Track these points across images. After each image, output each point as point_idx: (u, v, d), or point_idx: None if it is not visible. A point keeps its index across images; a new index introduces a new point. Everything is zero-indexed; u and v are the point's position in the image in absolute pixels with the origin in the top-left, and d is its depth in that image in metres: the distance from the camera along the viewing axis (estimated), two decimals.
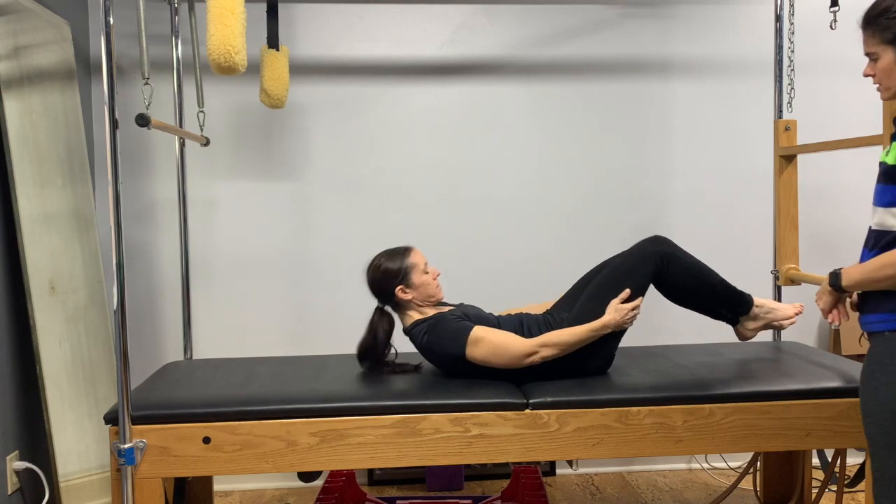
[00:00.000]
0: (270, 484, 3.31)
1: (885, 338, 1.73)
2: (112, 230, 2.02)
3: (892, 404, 1.69)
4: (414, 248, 2.48)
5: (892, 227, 1.73)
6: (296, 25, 3.25)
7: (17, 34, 2.59)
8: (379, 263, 2.45)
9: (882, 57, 1.76)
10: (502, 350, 2.28)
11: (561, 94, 3.34)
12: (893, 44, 1.73)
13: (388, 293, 2.43)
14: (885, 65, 1.76)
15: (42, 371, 2.51)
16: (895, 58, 1.74)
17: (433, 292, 2.44)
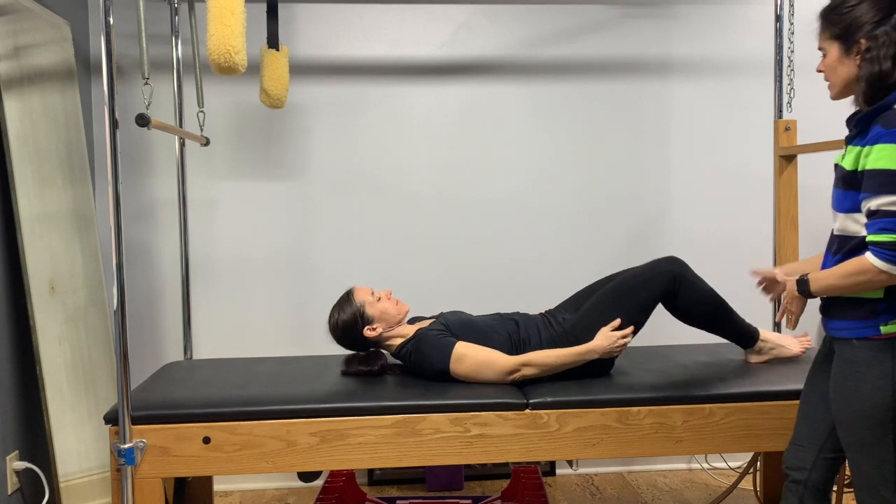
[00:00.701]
0: (270, 484, 3.31)
1: (853, 345, 1.74)
2: (112, 230, 2.02)
3: (865, 411, 1.71)
4: (354, 287, 2.47)
5: (855, 233, 1.74)
6: (296, 25, 3.25)
7: (17, 34, 2.59)
8: (335, 321, 2.43)
9: (829, 52, 1.77)
10: (485, 368, 2.28)
11: (561, 94, 3.34)
12: (839, 39, 1.74)
13: (360, 340, 2.42)
14: (830, 61, 1.77)
15: (42, 371, 2.51)
16: (839, 54, 1.75)
17: (396, 312, 2.42)
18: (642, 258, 3.38)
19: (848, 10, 1.72)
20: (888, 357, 1.69)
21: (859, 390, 1.72)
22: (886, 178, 1.62)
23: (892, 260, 1.63)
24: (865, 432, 1.73)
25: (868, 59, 1.69)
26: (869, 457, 1.74)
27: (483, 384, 2.29)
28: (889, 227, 1.62)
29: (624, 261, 3.36)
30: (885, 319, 1.70)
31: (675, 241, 3.39)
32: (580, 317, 2.41)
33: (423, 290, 3.31)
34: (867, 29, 1.69)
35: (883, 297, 1.71)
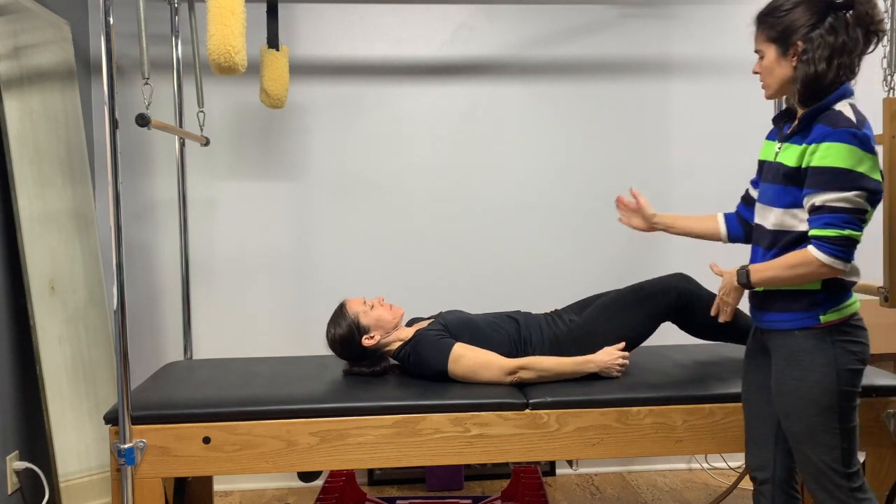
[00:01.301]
0: (270, 484, 3.31)
1: (795, 336, 1.81)
2: (112, 230, 2.02)
3: (814, 398, 1.79)
4: (346, 299, 2.47)
5: (792, 228, 1.81)
6: (296, 25, 3.25)
7: (17, 34, 2.59)
8: (332, 336, 2.43)
9: (766, 54, 1.82)
10: (483, 369, 2.28)
11: (561, 94, 3.34)
12: (776, 42, 1.80)
13: (360, 350, 2.42)
14: (767, 63, 1.82)
15: (42, 371, 2.51)
16: (776, 56, 1.80)
17: (391, 317, 2.42)
18: (642, 258, 3.38)
19: (784, 14, 1.77)
20: (828, 344, 1.78)
21: (806, 379, 1.79)
22: (833, 174, 1.70)
23: (834, 254, 1.71)
24: (815, 420, 1.79)
25: (804, 61, 1.75)
26: (817, 445, 1.80)
27: (483, 385, 2.29)
28: (834, 222, 1.70)
29: (624, 261, 3.36)
30: (823, 309, 1.79)
31: (675, 242, 3.39)
32: (583, 320, 2.42)
33: (424, 291, 3.31)
34: (803, 32, 1.75)
35: (821, 288, 1.79)
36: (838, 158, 1.69)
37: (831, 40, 1.73)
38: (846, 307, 1.81)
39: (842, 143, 1.69)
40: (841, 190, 1.69)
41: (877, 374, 2.35)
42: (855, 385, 1.80)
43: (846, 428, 1.80)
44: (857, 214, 1.71)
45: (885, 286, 2.17)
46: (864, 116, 1.75)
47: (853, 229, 1.71)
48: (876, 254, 3.47)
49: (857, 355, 1.80)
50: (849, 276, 1.81)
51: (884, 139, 2.17)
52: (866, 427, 2.25)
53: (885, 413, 2.25)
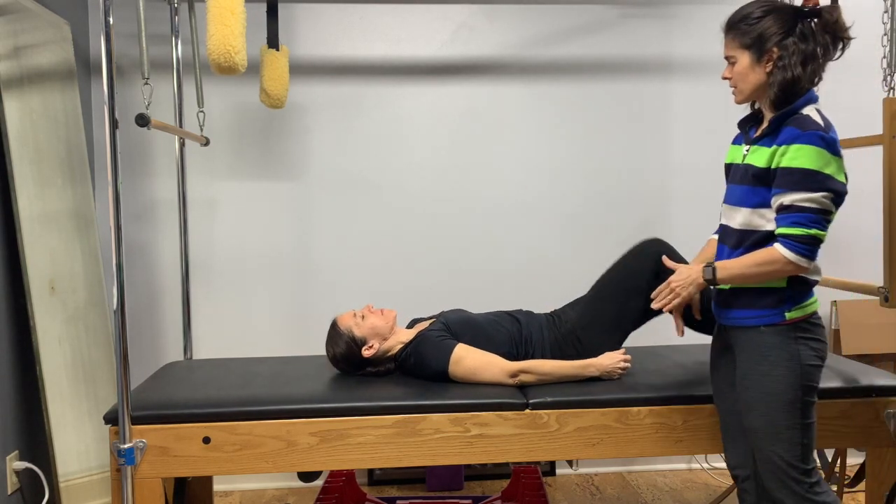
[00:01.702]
0: (270, 484, 3.31)
1: (761, 332, 1.86)
2: (112, 230, 2.02)
3: (778, 393, 1.84)
4: (336, 317, 2.47)
5: (759, 227, 1.86)
6: (296, 25, 3.25)
7: (17, 34, 2.59)
8: (333, 356, 2.44)
9: (739, 60, 1.88)
10: (484, 371, 2.28)
11: (561, 94, 3.34)
12: (749, 49, 1.85)
13: (361, 361, 2.42)
14: (741, 69, 1.88)
15: (42, 371, 2.51)
16: (749, 62, 1.86)
17: (384, 323, 2.42)
18: None
19: (756, 21, 1.84)
20: (793, 339, 1.83)
21: (771, 374, 1.84)
22: (801, 176, 1.75)
23: (801, 252, 1.77)
24: (777, 415, 1.84)
25: (780, 67, 1.82)
26: (778, 441, 1.85)
27: (483, 385, 2.29)
28: (801, 221, 1.76)
29: None
30: (789, 306, 1.84)
31: (675, 241, 3.38)
32: (579, 315, 2.42)
33: (424, 290, 3.31)
34: (777, 39, 1.82)
35: (787, 286, 1.84)
36: (807, 160, 1.75)
37: (804, 47, 1.81)
38: (809, 305, 1.87)
39: (811, 145, 1.75)
40: (809, 190, 1.75)
41: (877, 374, 2.35)
42: (816, 381, 1.86)
43: (806, 424, 1.85)
44: (823, 214, 1.77)
45: (885, 286, 2.17)
46: (830, 121, 1.81)
47: (819, 229, 1.77)
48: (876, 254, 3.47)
49: (818, 352, 1.86)
50: (812, 274, 1.87)
51: (884, 139, 2.17)
52: (866, 427, 2.26)
53: (885, 413, 2.25)
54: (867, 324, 3.34)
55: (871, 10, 2.61)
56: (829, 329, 3.43)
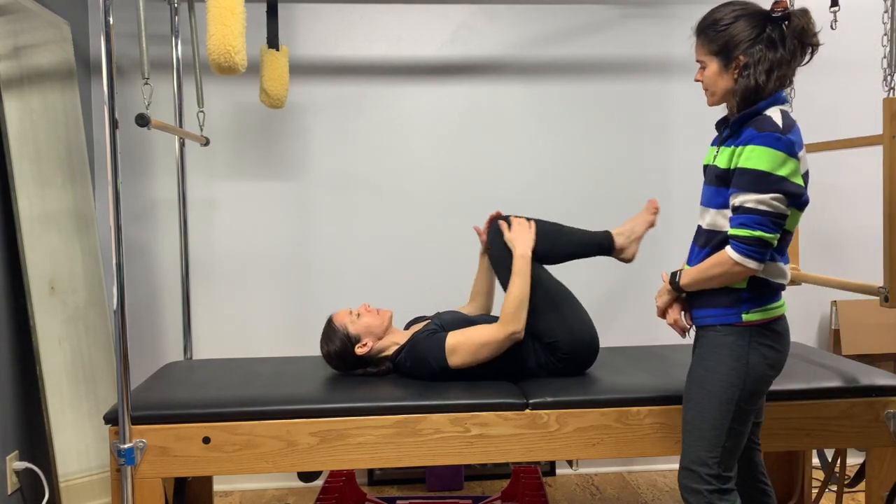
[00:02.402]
0: (270, 484, 3.31)
1: (717, 330, 1.87)
2: (112, 230, 2.02)
3: (715, 390, 1.85)
4: (332, 314, 2.48)
5: (722, 228, 1.87)
6: (296, 25, 3.25)
7: (17, 34, 2.59)
8: (326, 353, 2.44)
9: (709, 66, 1.88)
10: (482, 349, 2.28)
11: (561, 94, 3.34)
12: (718, 55, 1.85)
13: (354, 359, 2.42)
14: (710, 74, 1.89)
15: (42, 371, 2.51)
16: (718, 68, 1.86)
17: (379, 322, 2.42)
18: (642, 257, 3.38)
19: (725, 28, 1.83)
20: (746, 342, 1.84)
21: (715, 371, 1.85)
22: (753, 177, 1.75)
23: (746, 253, 1.76)
24: (709, 412, 1.85)
25: (745, 76, 1.82)
26: (702, 439, 1.86)
27: (483, 384, 2.29)
28: (747, 223, 1.76)
29: None
30: (746, 308, 1.84)
31: (675, 241, 3.39)
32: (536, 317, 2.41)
33: (423, 290, 3.31)
34: (744, 47, 1.82)
35: (746, 287, 1.84)
36: (760, 161, 1.75)
37: (771, 55, 1.81)
38: (770, 309, 1.86)
39: (765, 146, 1.75)
40: (758, 192, 1.75)
41: (877, 374, 2.35)
42: (760, 389, 1.86)
43: (735, 429, 1.85)
44: (771, 217, 1.75)
45: (885, 286, 2.17)
46: (792, 121, 1.80)
47: (764, 231, 1.75)
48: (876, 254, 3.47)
49: (770, 360, 1.85)
50: (774, 277, 1.85)
51: (884, 139, 2.17)
52: (866, 427, 2.26)
53: (886, 413, 2.25)
54: (867, 324, 3.34)
55: (871, 10, 2.61)
56: (830, 329, 3.43)
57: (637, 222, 2.57)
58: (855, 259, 3.45)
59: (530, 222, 2.44)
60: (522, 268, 2.34)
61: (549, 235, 2.45)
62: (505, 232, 2.42)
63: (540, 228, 2.45)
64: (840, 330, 3.33)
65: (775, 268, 1.85)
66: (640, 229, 2.55)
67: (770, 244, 1.77)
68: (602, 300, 3.40)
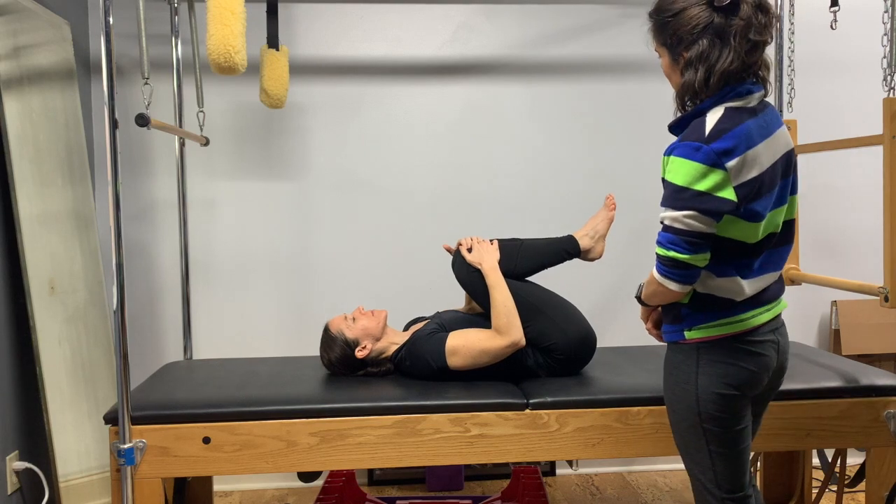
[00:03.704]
0: (270, 484, 3.31)
1: (669, 348, 1.76)
2: (112, 230, 2.02)
3: (680, 413, 1.73)
4: (328, 321, 2.49)
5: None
6: (296, 25, 3.25)
7: (17, 34, 2.59)
8: (328, 360, 2.45)
9: (662, 57, 1.74)
10: (481, 353, 2.28)
11: (561, 94, 3.34)
12: (667, 47, 1.70)
13: (355, 363, 2.42)
14: (664, 66, 1.74)
15: (42, 371, 2.51)
16: (669, 62, 1.72)
17: (375, 323, 2.43)
18: (642, 258, 3.38)
19: (671, 18, 1.66)
20: (693, 361, 1.69)
21: (673, 392, 1.74)
22: (669, 191, 1.61)
23: (662, 273, 1.63)
24: (685, 435, 1.74)
25: (686, 74, 1.65)
26: (692, 462, 1.76)
27: (483, 384, 2.29)
28: (662, 241, 1.62)
29: (624, 261, 3.36)
30: (688, 325, 1.70)
31: None
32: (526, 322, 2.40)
33: (423, 290, 3.31)
34: (687, 41, 1.65)
35: (686, 303, 1.70)
36: (677, 174, 1.59)
37: (715, 52, 1.62)
38: (719, 325, 1.67)
39: (682, 157, 1.58)
40: (673, 208, 1.59)
41: (877, 374, 2.35)
42: (721, 410, 1.67)
43: (715, 452, 1.70)
44: (684, 236, 1.58)
45: (885, 286, 2.17)
46: (731, 124, 1.59)
47: (678, 251, 1.59)
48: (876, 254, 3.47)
49: (725, 378, 1.66)
50: (721, 292, 1.67)
51: (884, 139, 2.17)
52: (866, 427, 2.26)
53: (886, 413, 2.25)
54: (867, 324, 3.34)
55: (871, 10, 2.61)
56: (830, 329, 3.43)
57: (598, 221, 2.56)
58: (855, 259, 3.45)
59: (490, 240, 2.46)
60: (496, 279, 2.35)
61: (511, 251, 2.45)
62: (466, 255, 2.42)
63: (501, 246, 2.45)
64: (840, 330, 3.33)
65: (721, 284, 1.67)
66: (601, 227, 2.55)
67: (688, 265, 1.59)
68: (602, 300, 3.40)
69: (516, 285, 2.38)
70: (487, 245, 2.44)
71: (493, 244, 2.45)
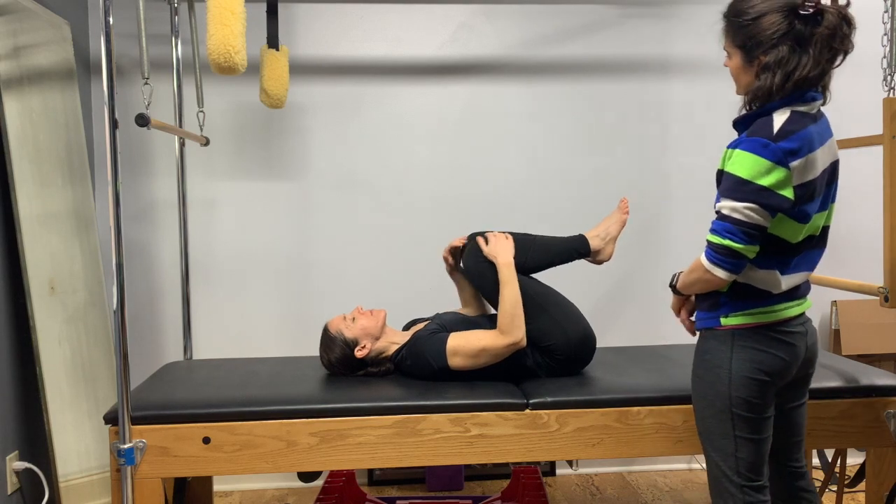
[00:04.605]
0: (270, 484, 3.31)
1: (703, 335, 1.84)
2: (112, 230, 2.02)
3: (709, 399, 1.80)
4: (327, 322, 2.48)
5: None
6: (296, 25, 3.25)
7: (17, 34, 2.59)
8: (328, 361, 2.45)
9: (733, 57, 1.79)
10: (481, 352, 2.28)
11: (561, 94, 3.34)
12: (742, 49, 1.75)
13: (355, 362, 2.42)
14: (734, 66, 1.80)
15: (42, 371, 2.51)
16: (741, 63, 1.77)
17: (374, 323, 2.42)
18: (642, 258, 3.38)
19: (750, 22, 1.71)
20: (728, 347, 1.77)
21: (703, 378, 1.81)
22: (731, 183, 1.67)
23: (713, 261, 1.70)
24: (710, 421, 1.81)
25: (763, 78, 1.71)
26: (714, 449, 1.81)
27: (483, 384, 2.29)
28: (718, 230, 1.68)
29: (623, 261, 3.36)
30: (725, 312, 1.78)
31: (674, 241, 3.39)
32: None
33: (424, 291, 3.31)
34: (766, 45, 1.70)
35: (724, 291, 1.78)
36: (741, 167, 1.65)
37: (795, 58, 1.68)
38: (755, 314, 1.76)
39: (749, 151, 1.65)
40: (734, 199, 1.66)
41: (877, 374, 2.35)
42: (753, 395, 1.75)
43: (741, 437, 1.77)
44: (742, 227, 1.66)
45: (885, 286, 2.17)
46: (797, 127, 1.67)
47: (734, 240, 1.66)
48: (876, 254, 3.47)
49: (759, 365, 1.74)
50: (760, 284, 1.75)
51: (884, 139, 2.17)
52: (866, 427, 2.26)
53: (886, 413, 2.25)
54: (867, 324, 3.34)
55: (871, 10, 2.61)
56: (830, 329, 3.43)
57: (610, 223, 2.57)
58: (855, 259, 3.45)
59: (506, 234, 2.46)
60: (509, 276, 2.34)
61: (524, 246, 2.45)
62: (483, 247, 2.42)
63: (515, 240, 2.45)
64: (840, 330, 3.33)
65: (761, 276, 1.75)
66: (614, 230, 2.56)
67: (741, 255, 1.67)
68: (602, 300, 3.40)
69: (523, 280, 2.38)
70: (504, 239, 2.43)
71: (508, 239, 2.44)
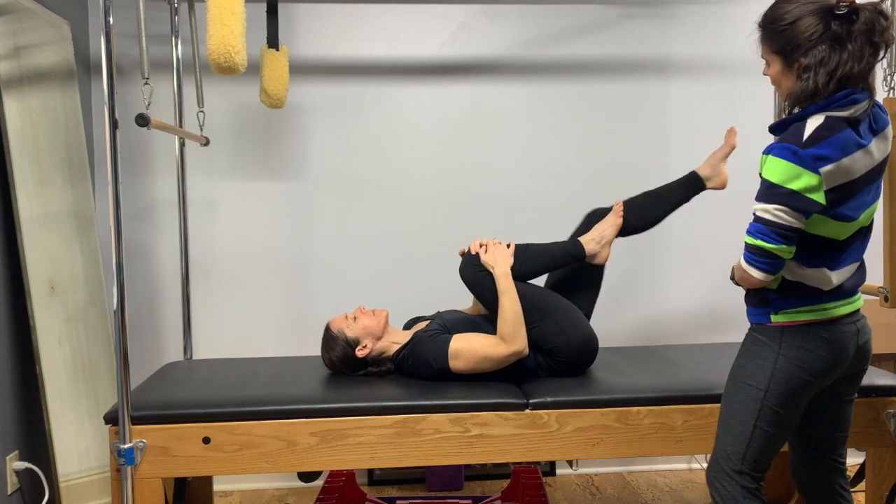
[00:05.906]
0: (270, 484, 3.31)
1: (753, 329, 1.89)
2: (112, 230, 2.02)
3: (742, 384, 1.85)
4: (328, 321, 2.49)
5: None
6: (296, 25, 3.25)
7: (17, 34, 2.59)
8: (329, 360, 2.45)
9: (772, 64, 1.82)
10: (483, 359, 2.28)
11: (561, 94, 3.34)
12: (780, 55, 1.78)
13: (356, 362, 2.42)
14: (775, 73, 1.83)
15: (42, 371, 2.51)
16: (781, 68, 1.80)
17: (376, 323, 2.43)
18: (642, 258, 3.38)
19: (787, 27, 1.74)
20: (776, 343, 1.82)
21: (744, 366, 1.87)
22: (764, 187, 1.73)
23: (749, 261, 1.76)
24: (736, 406, 1.86)
25: (805, 78, 1.73)
26: (728, 433, 1.86)
27: (483, 384, 2.29)
28: (752, 231, 1.75)
29: (624, 261, 3.36)
30: (774, 309, 1.83)
31: (674, 241, 3.39)
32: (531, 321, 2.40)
33: (424, 290, 3.31)
34: (806, 47, 1.73)
35: (775, 288, 1.83)
36: (773, 172, 1.71)
37: (835, 56, 1.70)
38: (802, 312, 1.81)
39: (779, 157, 1.70)
40: (765, 202, 1.72)
41: (877, 374, 2.35)
42: (790, 391, 1.81)
43: (762, 429, 1.83)
44: (773, 227, 1.71)
45: (885, 286, 2.17)
46: (828, 133, 1.69)
47: (766, 241, 1.72)
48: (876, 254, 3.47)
49: (802, 364, 1.80)
50: (810, 281, 1.81)
51: None
52: (866, 427, 2.26)
53: (885, 413, 2.25)
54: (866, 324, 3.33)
55: None
56: None
57: (605, 226, 2.57)
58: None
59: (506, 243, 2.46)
60: (507, 286, 2.34)
61: (518, 253, 2.45)
62: (481, 255, 2.42)
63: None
64: None
65: (810, 274, 1.80)
66: (609, 233, 2.56)
67: (774, 255, 1.73)
68: (602, 300, 3.40)
69: (521, 287, 2.38)
70: (503, 249, 2.43)
71: (509, 248, 2.44)
